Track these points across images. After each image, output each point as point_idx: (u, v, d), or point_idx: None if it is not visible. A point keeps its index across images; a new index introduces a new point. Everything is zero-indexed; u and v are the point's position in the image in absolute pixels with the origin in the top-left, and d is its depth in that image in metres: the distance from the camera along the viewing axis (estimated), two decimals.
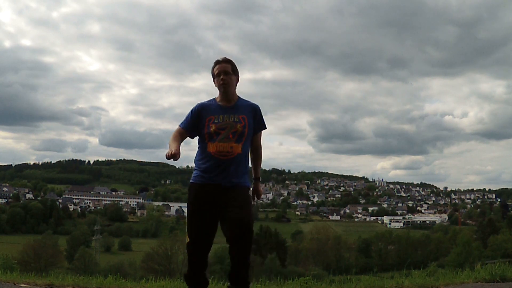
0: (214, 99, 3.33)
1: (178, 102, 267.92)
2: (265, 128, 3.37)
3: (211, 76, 3.32)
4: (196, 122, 3.25)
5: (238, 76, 3.33)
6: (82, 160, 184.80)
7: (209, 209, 3.10)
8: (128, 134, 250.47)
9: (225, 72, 3.22)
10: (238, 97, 3.33)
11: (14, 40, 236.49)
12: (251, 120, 3.24)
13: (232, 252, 2.98)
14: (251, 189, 3.35)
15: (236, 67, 3.30)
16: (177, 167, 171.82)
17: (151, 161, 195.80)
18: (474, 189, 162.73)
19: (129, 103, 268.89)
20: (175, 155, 3.01)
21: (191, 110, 3.30)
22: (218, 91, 3.30)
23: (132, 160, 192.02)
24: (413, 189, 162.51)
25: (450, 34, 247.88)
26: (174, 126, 3.33)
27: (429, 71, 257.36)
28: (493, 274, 4.07)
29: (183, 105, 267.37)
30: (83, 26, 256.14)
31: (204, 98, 3.38)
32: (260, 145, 3.43)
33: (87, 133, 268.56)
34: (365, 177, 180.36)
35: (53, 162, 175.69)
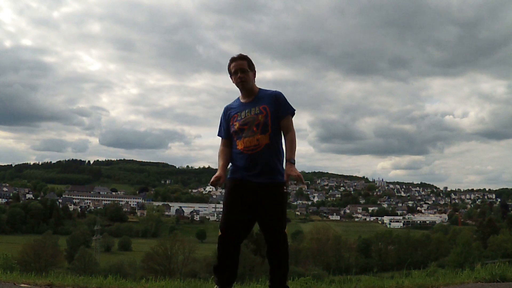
0: (238, 98, 3.36)
1: (178, 102, 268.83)
2: (292, 111, 3.27)
3: (228, 74, 3.32)
4: (227, 127, 3.30)
5: (255, 71, 3.34)
6: (82, 160, 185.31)
7: (243, 205, 3.14)
8: (128, 134, 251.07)
9: (242, 70, 3.23)
10: (259, 89, 3.33)
11: (15, 40, 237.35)
12: (273, 108, 3.21)
13: (269, 257, 3.17)
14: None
15: (252, 62, 3.30)
16: (177, 167, 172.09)
17: (151, 161, 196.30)
18: (474, 189, 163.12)
19: (129, 103, 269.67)
20: (214, 183, 3.14)
21: (221, 116, 3.37)
22: (239, 90, 3.33)
23: (132, 160, 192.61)
24: (413, 189, 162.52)
25: (451, 34, 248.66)
26: (174, 126, 3.37)
27: (430, 71, 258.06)
28: (493, 274, 4.06)
29: (184, 105, 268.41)
30: (83, 25, 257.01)
31: (205, 98, 3.42)
32: (291, 128, 3.26)
33: (88, 133, 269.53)
34: (365, 177, 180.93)
35: (53, 162, 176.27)
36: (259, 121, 3.14)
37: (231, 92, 3.50)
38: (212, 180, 3.14)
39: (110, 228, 79.60)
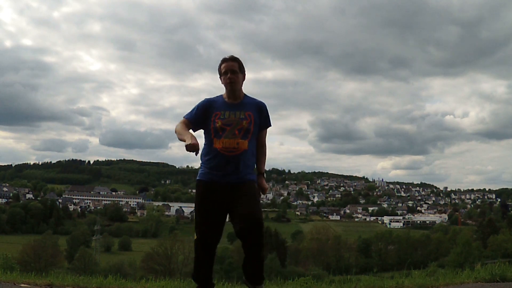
0: (221, 95, 3.36)
1: (179, 102, 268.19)
2: (270, 126, 3.40)
3: (218, 74, 3.34)
4: (201, 117, 3.28)
5: (245, 74, 3.36)
6: (82, 160, 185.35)
7: (217, 206, 3.15)
8: (128, 134, 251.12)
9: (232, 71, 3.25)
10: (245, 94, 3.37)
11: (15, 39, 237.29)
12: (257, 117, 3.27)
13: (245, 247, 3.06)
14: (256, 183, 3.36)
15: (242, 65, 3.33)
16: (177, 167, 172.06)
17: (151, 161, 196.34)
18: (474, 189, 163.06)
19: (130, 103, 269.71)
20: (196, 148, 3.01)
21: (198, 104, 3.33)
22: (224, 88, 3.33)
23: (132, 160, 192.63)
24: (413, 189, 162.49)
25: (452, 34, 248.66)
26: (174, 126, 3.33)
27: (431, 71, 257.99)
28: (493, 274, 4.06)
29: (184, 105, 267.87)
30: (84, 25, 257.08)
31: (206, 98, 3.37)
32: (265, 143, 3.44)
33: (88, 133, 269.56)
34: (365, 177, 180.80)
35: (53, 162, 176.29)
36: (242, 126, 3.17)
37: None
38: (190, 144, 2.95)
39: (110, 228, 79.60)
